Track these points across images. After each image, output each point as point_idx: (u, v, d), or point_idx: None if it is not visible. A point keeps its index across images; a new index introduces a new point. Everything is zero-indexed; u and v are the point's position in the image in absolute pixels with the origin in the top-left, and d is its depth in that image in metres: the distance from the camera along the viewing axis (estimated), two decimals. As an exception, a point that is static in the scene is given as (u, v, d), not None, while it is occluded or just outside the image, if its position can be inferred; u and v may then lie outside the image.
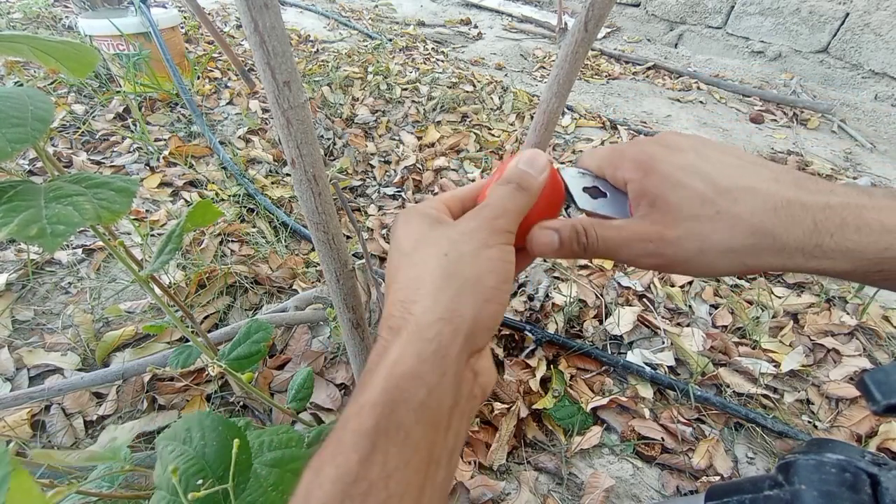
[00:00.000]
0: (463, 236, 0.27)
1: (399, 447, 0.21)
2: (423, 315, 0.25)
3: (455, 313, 0.25)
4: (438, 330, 0.24)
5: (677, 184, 0.28)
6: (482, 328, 0.26)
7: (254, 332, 0.53)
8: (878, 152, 2.18)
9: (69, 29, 2.23)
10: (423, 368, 0.23)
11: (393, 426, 0.22)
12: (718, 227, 0.26)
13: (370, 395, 0.23)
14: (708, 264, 0.27)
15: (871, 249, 0.24)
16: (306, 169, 0.40)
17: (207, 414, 0.39)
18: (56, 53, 0.34)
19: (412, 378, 0.23)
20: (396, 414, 0.22)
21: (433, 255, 0.27)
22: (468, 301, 0.25)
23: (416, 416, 0.22)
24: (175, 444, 0.36)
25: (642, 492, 0.83)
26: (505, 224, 0.28)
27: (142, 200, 1.32)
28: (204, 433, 0.37)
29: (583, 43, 0.43)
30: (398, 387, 0.23)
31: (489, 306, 0.26)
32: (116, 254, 0.40)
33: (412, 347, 0.24)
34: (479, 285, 0.26)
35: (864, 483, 0.26)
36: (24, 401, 0.73)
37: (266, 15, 0.32)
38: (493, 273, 0.26)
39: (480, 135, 1.85)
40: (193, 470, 0.35)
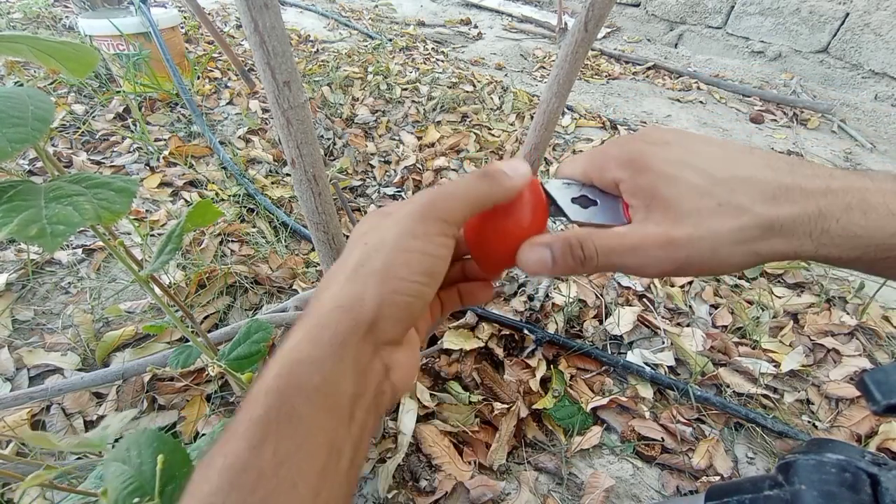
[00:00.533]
0: (393, 221, 0.26)
1: (292, 432, 0.21)
2: (325, 302, 0.24)
3: (357, 302, 0.24)
4: (337, 317, 0.23)
5: (671, 178, 0.26)
6: (388, 318, 0.24)
7: (254, 332, 0.53)
8: (878, 152, 2.18)
9: (69, 29, 2.23)
10: (318, 353, 0.22)
11: (286, 412, 0.21)
12: (724, 220, 0.25)
13: (264, 382, 0.22)
14: (722, 261, 0.26)
15: (878, 235, 0.24)
16: (306, 169, 0.40)
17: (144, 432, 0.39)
18: (56, 53, 0.34)
19: (307, 363, 0.22)
20: (289, 399, 0.21)
21: (359, 244, 0.26)
22: (372, 292, 0.24)
23: (309, 401, 0.21)
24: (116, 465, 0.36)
25: (642, 492, 0.83)
26: (443, 212, 0.26)
27: (142, 200, 1.32)
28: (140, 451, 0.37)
29: (583, 43, 0.43)
30: (292, 372, 0.22)
31: (396, 297, 0.24)
32: (116, 254, 0.40)
33: (308, 334, 0.23)
34: (388, 276, 0.24)
35: (864, 483, 0.26)
36: (24, 401, 0.73)
37: (266, 15, 0.32)
38: (408, 265, 0.25)
39: (480, 135, 1.85)
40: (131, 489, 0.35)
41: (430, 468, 0.82)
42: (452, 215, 0.26)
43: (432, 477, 0.80)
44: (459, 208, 0.26)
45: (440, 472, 0.80)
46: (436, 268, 0.26)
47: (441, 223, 0.26)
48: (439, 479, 0.79)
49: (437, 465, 0.81)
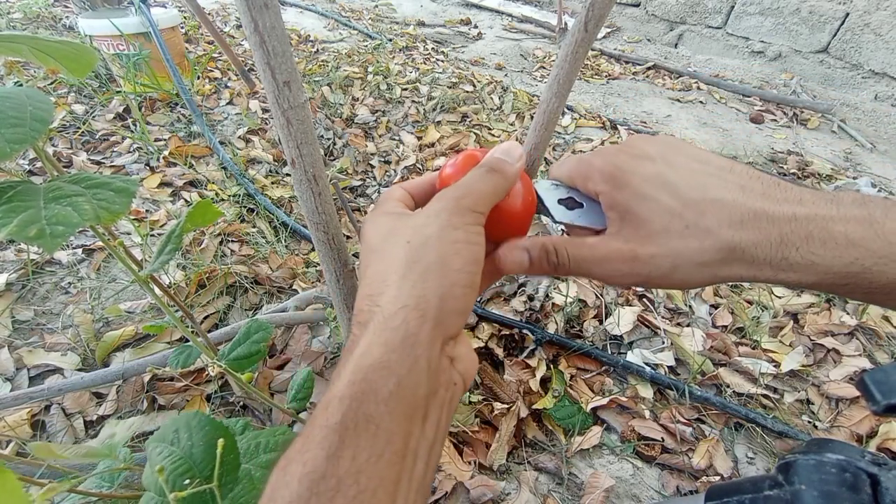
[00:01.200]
0: (427, 219, 0.26)
1: (370, 440, 0.21)
2: (388, 305, 0.24)
3: (420, 299, 0.24)
4: (404, 317, 0.23)
5: (645, 197, 0.28)
6: (451, 312, 0.25)
7: (254, 332, 0.53)
8: (878, 152, 2.18)
9: (69, 29, 2.22)
10: (392, 358, 0.22)
11: (362, 419, 0.21)
12: (689, 241, 0.27)
13: (337, 390, 0.22)
14: (682, 279, 0.28)
15: (836, 264, 0.24)
16: (306, 169, 0.40)
17: (195, 415, 0.39)
18: (55, 53, 0.33)
19: (380, 368, 0.22)
20: (365, 406, 0.21)
21: (398, 244, 0.26)
22: (433, 285, 0.24)
23: (386, 407, 0.21)
24: (163, 446, 0.36)
25: (642, 492, 0.83)
26: (472, 203, 0.27)
27: (142, 200, 1.32)
28: (191, 434, 0.37)
29: (583, 43, 0.43)
30: (366, 378, 0.22)
31: (456, 289, 0.25)
32: (116, 254, 0.40)
33: (379, 338, 0.23)
34: (444, 268, 0.25)
35: (864, 483, 0.26)
36: (24, 401, 0.73)
37: (266, 15, 0.32)
38: (458, 255, 0.25)
39: (480, 135, 1.84)
40: (181, 470, 0.35)
41: (430, 468, 0.81)
42: (481, 206, 0.28)
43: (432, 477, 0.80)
44: (485, 200, 0.28)
45: (440, 472, 0.80)
46: (479, 255, 0.27)
47: (474, 214, 0.27)
48: (439, 479, 0.79)
49: (438, 465, 0.81)
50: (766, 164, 1.92)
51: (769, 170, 1.85)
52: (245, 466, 0.42)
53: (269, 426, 0.85)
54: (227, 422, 0.52)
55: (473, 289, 0.26)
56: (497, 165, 0.29)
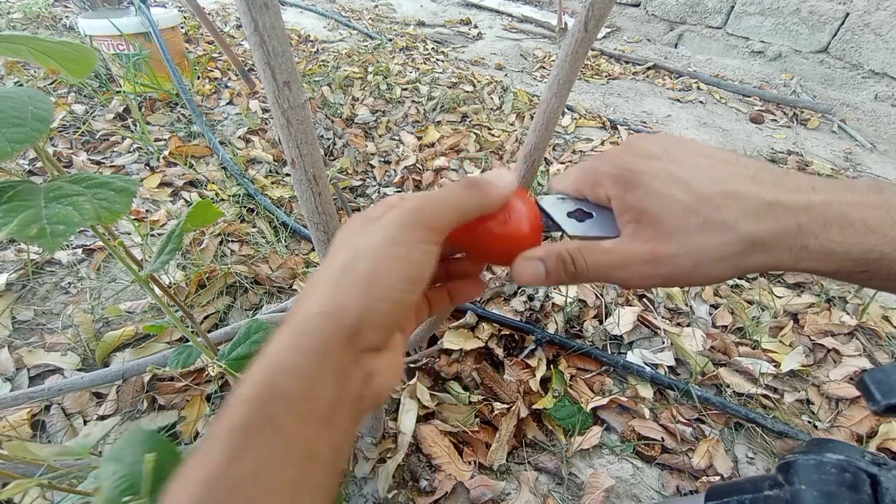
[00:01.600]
0: (377, 229, 0.26)
1: (270, 442, 0.20)
2: (308, 308, 0.24)
3: (340, 307, 0.23)
4: (319, 323, 0.23)
5: (659, 195, 0.27)
6: (371, 325, 0.24)
7: (254, 332, 0.53)
8: (878, 152, 2.18)
9: (69, 29, 2.23)
10: (300, 362, 0.22)
11: (264, 420, 0.21)
12: (707, 237, 0.26)
13: (244, 390, 0.22)
14: (705, 275, 0.27)
15: (854, 251, 0.24)
16: (306, 169, 0.40)
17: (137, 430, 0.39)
18: (55, 54, 0.33)
19: (288, 371, 0.22)
20: (270, 408, 0.21)
21: (343, 250, 0.26)
22: (354, 296, 0.24)
23: (289, 409, 0.21)
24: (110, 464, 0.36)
25: (642, 492, 0.83)
26: (427, 218, 0.26)
27: (142, 200, 1.32)
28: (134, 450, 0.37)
29: (583, 43, 0.43)
30: (272, 380, 0.22)
31: (381, 304, 0.24)
32: (116, 254, 0.40)
33: (291, 340, 0.23)
34: (373, 281, 0.24)
35: (864, 483, 0.26)
36: (24, 401, 0.73)
37: (266, 15, 0.32)
38: (391, 272, 0.24)
39: (480, 135, 1.85)
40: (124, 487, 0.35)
41: (430, 468, 0.82)
42: (439, 223, 0.26)
43: (432, 477, 0.80)
44: (446, 217, 0.26)
45: (440, 472, 0.80)
46: (419, 274, 0.25)
47: (426, 230, 0.26)
48: (439, 479, 0.79)
49: (437, 465, 0.81)
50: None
51: (769, 170, 1.85)
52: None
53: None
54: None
55: (402, 306, 0.25)
56: (478, 182, 0.28)
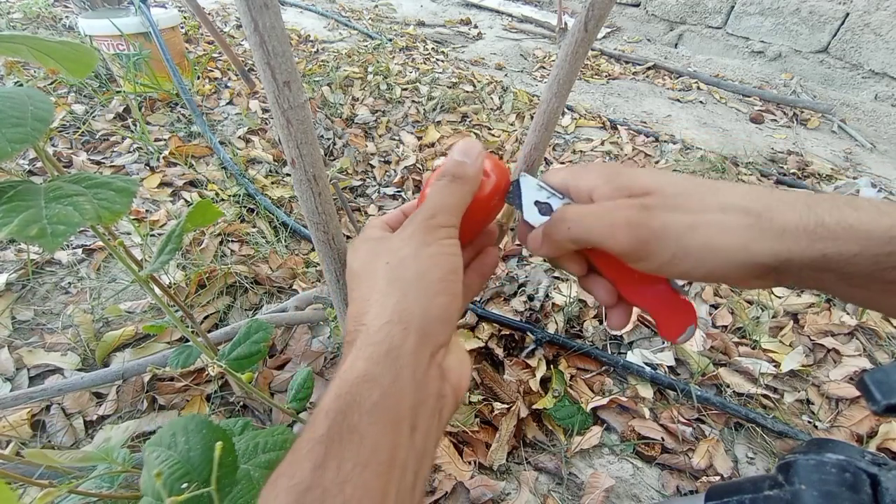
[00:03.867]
0: (402, 241, 0.28)
1: (354, 450, 0.21)
2: (372, 322, 0.25)
3: (403, 313, 0.25)
4: (388, 332, 0.24)
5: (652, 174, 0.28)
6: (435, 321, 0.25)
7: (254, 332, 0.53)
8: (878, 152, 2.18)
9: (69, 29, 2.22)
10: (375, 370, 0.23)
11: (347, 430, 0.21)
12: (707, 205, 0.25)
13: (323, 404, 0.23)
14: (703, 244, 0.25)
15: (876, 228, 0.22)
16: (306, 169, 0.40)
17: (192, 418, 0.39)
18: (54, 54, 0.33)
19: (363, 381, 0.23)
20: (349, 418, 0.22)
21: (378, 266, 0.27)
22: (414, 298, 0.25)
23: (370, 417, 0.22)
24: (160, 450, 0.36)
25: (642, 492, 0.83)
26: (442, 220, 0.28)
27: (142, 200, 1.32)
28: (188, 437, 0.37)
29: (583, 43, 0.43)
30: (350, 392, 0.22)
31: (438, 299, 0.26)
32: (116, 254, 0.40)
33: (363, 352, 0.24)
34: (423, 281, 0.26)
35: (864, 483, 0.26)
36: (24, 401, 0.73)
37: (266, 15, 0.32)
38: (436, 267, 0.26)
39: (480, 135, 1.84)
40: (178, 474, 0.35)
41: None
42: (451, 220, 0.29)
43: (432, 477, 0.80)
44: (452, 214, 0.29)
45: (440, 472, 0.80)
46: (456, 264, 0.28)
47: (445, 229, 0.28)
48: (439, 479, 0.79)
49: (437, 465, 0.81)
50: (766, 164, 1.92)
51: (769, 170, 1.85)
52: (244, 467, 0.42)
53: (269, 426, 0.85)
54: (227, 422, 0.52)
55: (456, 297, 0.27)
56: (458, 172, 0.30)
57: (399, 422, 0.23)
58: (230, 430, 0.50)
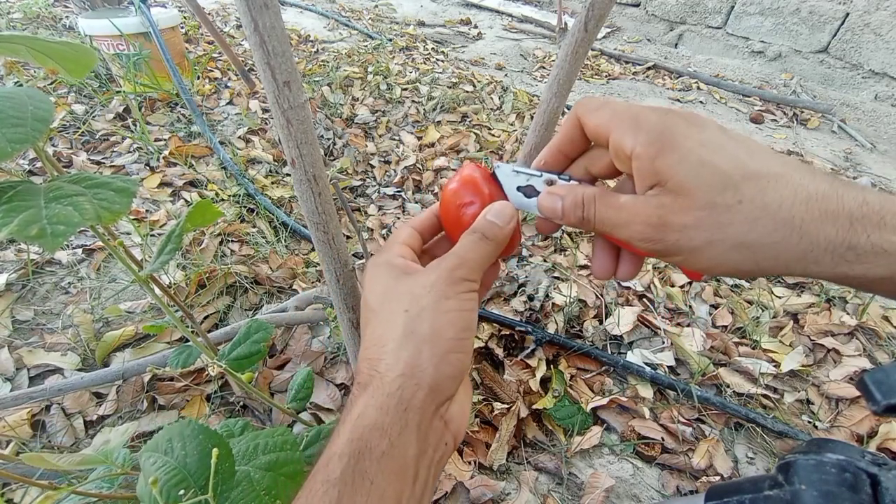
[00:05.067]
0: (423, 289, 0.28)
1: (365, 496, 0.23)
2: (386, 371, 0.26)
3: (416, 368, 0.26)
4: (400, 385, 0.25)
5: (698, 162, 0.24)
6: (445, 378, 0.27)
7: (254, 332, 0.53)
8: (878, 152, 2.18)
9: (69, 29, 2.22)
10: (386, 421, 0.24)
11: (358, 475, 0.23)
12: (737, 218, 0.23)
13: (337, 447, 0.24)
14: (712, 258, 0.24)
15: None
16: (306, 169, 0.40)
17: (189, 423, 0.39)
18: (54, 54, 0.33)
19: (375, 430, 0.24)
20: (361, 464, 0.23)
21: (396, 311, 0.28)
22: (427, 356, 0.26)
23: (379, 465, 0.23)
24: (157, 456, 0.36)
25: (642, 492, 0.83)
26: (465, 273, 0.29)
27: (142, 200, 1.32)
28: (185, 443, 0.37)
29: (583, 43, 0.43)
30: (362, 438, 0.24)
31: (450, 357, 0.27)
32: (116, 254, 0.40)
33: (375, 401, 0.25)
34: (438, 339, 0.27)
35: (864, 483, 0.26)
36: (24, 401, 0.73)
37: (266, 15, 0.32)
38: (452, 325, 0.27)
39: (480, 135, 1.84)
40: (175, 481, 0.35)
41: (430, 468, 0.81)
42: (473, 274, 0.29)
43: (432, 477, 0.80)
44: (477, 268, 0.30)
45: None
46: (472, 321, 0.29)
47: (466, 283, 0.29)
48: (439, 479, 0.79)
49: None
50: (766, 164, 1.92)
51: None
52: (245, 468, 0.42)
53: (268, 426, 0.85)
54: (226, 423, 0.52)
55: (466, 353, 0.28)
56: (489, 232, 0.30)
57: (404, 471, 0.24)
58: (230, 431, 0.50)
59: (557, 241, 1.36)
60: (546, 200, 0.30)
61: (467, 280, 0.29)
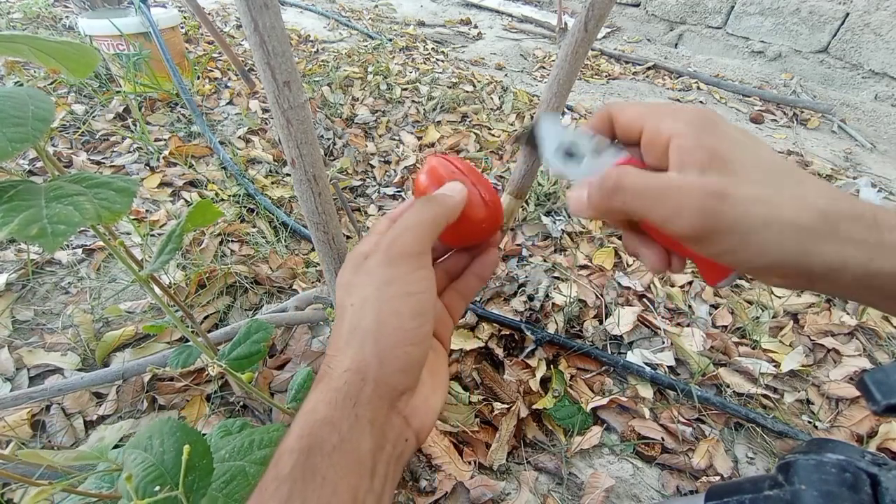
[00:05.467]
0: (367, 277, 0.27)
1: (317, 491, 0.22)
2: (336, 366, 0.26)
3: (361, 363, 0.25)
4: (346, 380, 0.25)
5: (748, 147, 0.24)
6: (395, 373, 0.25)
7: (254, 332, 0.53)
8: (878, 152, 2.18)
9: (69, 29, 2.22)
10: (335, 415, 0.24)
11: (309, 471, 0.22)
12: (786, 199, 0.23)
13: (288, 443, 0.24)
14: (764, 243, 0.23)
15: None
16: (306, 169, 0.40)
17: (167, 421, 0.39)
18: (56, 53, 0.33)
19: (325, 424, 0.24)
20: (311, 459, 0.23)
21: (346, 306, 0.27)
22: (370, 350, 0.25)
23: (330, 460, 0.23)
24: (137, 452, 0.37)
25: (642, 492, 0.83)
26: (405, 246, 0.26)
27: (142, 200, 1.32)
28: (163, 440, 0.38)
29: (583, 43, 0.43)
30: (312, 433, 0.23)
31: (396, 351, 0.25)
32: (116, 254, 0.40)
33: (324, 396, 0.25)
34: (381, 331, 0.25)
35: (864, 483, 0.26)
36: (24, 401, 0.73)
37: (266, 15, 0.32)
38: (397, 314, 0.25)
39: (480, 135, 1.84)
40: (152, 476, 0.35)
41: (430, 468, 0.82)
42: (418, 247, 0.26)
43: (432, 477, 0.80)
44: (421, 239, 0.27)
45: (440, 472, 0.80)
46: (424, 304, 0.26)
47: (411, 259, 0.26)
48: (439, 479, 0.79)
49: (437, 465, 0.81)
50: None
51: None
52: (239, 464, 0.43)
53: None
54: (225, 422, 0.52)
55: (420, 343, 0.26)
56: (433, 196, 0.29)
57: (358, 465, 0.23)
58: (228, 431, 0.50)
59: (557, 242, 1.36)
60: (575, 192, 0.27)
61: (411, 256, 0.26)
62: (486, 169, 1.67)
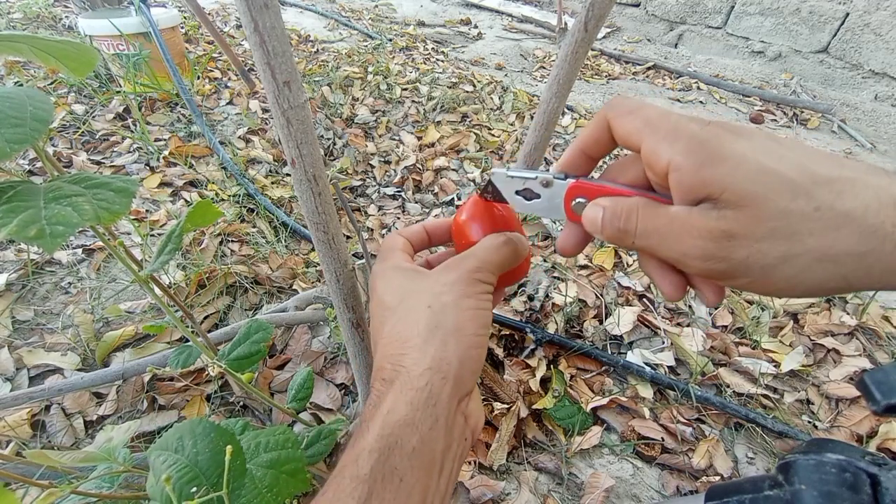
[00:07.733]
0: (444, 287, 0.29)
1: (394, 492, 0.23)
2: (413, 366, 0.26)
3: (443, 362, 0.26)
4: (428, 379, 0.26)
5: (759, 170, 0.20)
6: (468, 372, 0.27)
7: (254, 332, 0.53)
8: (878, 152, 2.18)
9: (69, 29, 2.22)
10: (416, 416, 0.25)
11: (388, 471, 0.23)
12: (817, 227, 0.20)
13: (366, 443, 0.24)
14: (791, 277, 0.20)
15: None
16: (306, 169, 0.40)
17: (199, 421, 0.39)
18: (56, 53, 0.33)
19: (405, 425, 0.24)
20: (391, 460, 0.23)
21: (417, 308, 0.28)
22: (453, 349, 0.27)
23: (409, 461, 0.23)
24: (167, 454, 0.37)
25: (642, 492, 0.83)
26: (484, 276, 0.30)
27: (142, 200, 1.32)
28: (196, 441, 0.38)
29: (583, 43, 0.43)
30: (392, 434, 0.24)
31: (472, 352, 0.27)
32: (116, 254, 0.40)
33: (404, 396, 0.25)
34: (462, 334, 0.27)
35: (864, 483, 0.26)
36: (24, 401, 0.73)
37: (266, 15, 0.32)
38: (472, 321, 0.28)
39: (480, 135, 1.84)
40: (187, 478, 0.35)
41: (430, 468, 0.81)
42: (491, 277, 0.31)
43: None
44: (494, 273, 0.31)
45: (440, 472, 0.80)
46: (489, 319, 0.30)
47: (484, 285, 0.30)
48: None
49: None
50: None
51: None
52: (247, 466, 0.42)
53: (268, 426, 0.85)
54: (227, 422, 0.52)
55: (484, 349, 0.29)
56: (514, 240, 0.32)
57: (431, 465, 0.24)
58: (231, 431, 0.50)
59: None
60: (589, 212, 0.26)
61: (484, 283, 0.30)
62: (485, 169, 1.67)
